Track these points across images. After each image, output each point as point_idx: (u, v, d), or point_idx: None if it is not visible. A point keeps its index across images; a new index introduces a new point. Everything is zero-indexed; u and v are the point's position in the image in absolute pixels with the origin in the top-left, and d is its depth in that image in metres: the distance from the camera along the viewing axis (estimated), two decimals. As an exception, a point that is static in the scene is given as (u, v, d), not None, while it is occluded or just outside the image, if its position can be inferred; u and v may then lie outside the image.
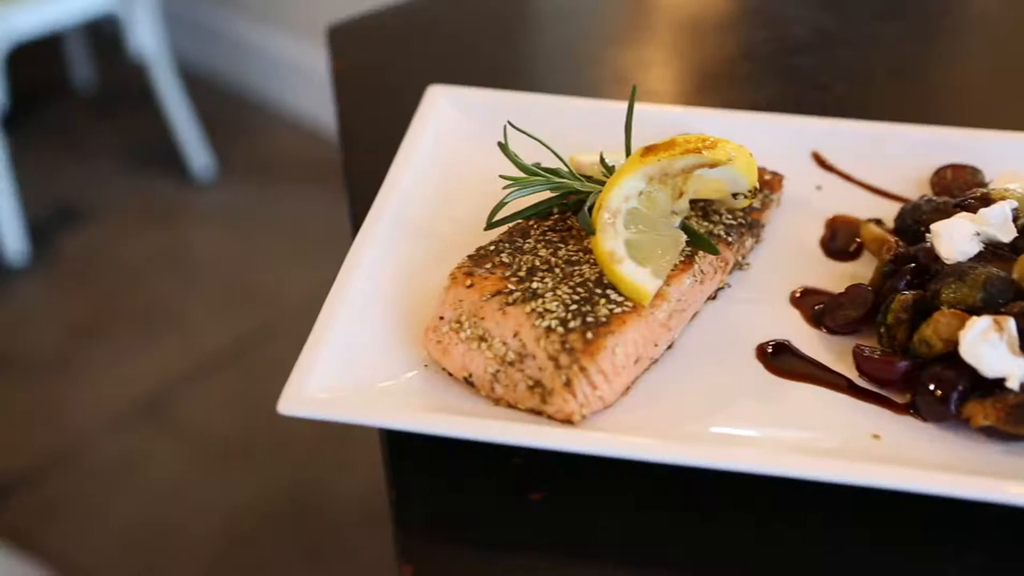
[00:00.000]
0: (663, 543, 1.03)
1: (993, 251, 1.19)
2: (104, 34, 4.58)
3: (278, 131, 4.47)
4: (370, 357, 1.14)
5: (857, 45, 1.77)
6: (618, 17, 1.97)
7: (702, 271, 1.19)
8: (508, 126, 1.24)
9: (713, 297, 1.25)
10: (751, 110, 1.49)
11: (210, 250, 3.96)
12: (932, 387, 1.09)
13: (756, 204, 1.30)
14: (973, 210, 1.21)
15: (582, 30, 1.88)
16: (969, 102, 1.69)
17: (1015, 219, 1.20)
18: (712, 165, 1.17)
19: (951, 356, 1.09)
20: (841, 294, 1.22)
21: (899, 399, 1.13)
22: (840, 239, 1.33)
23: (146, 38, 3.84)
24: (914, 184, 1.38)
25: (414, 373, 1.14)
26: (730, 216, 1.27)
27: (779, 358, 1.18)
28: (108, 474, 3.12)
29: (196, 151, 4.14)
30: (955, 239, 1.18)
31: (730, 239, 1.24)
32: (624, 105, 1.27)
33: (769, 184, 1.33)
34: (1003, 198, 1.21)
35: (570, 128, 1.39)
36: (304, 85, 4.26)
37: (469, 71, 1.71)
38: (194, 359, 3.48)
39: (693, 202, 1.25)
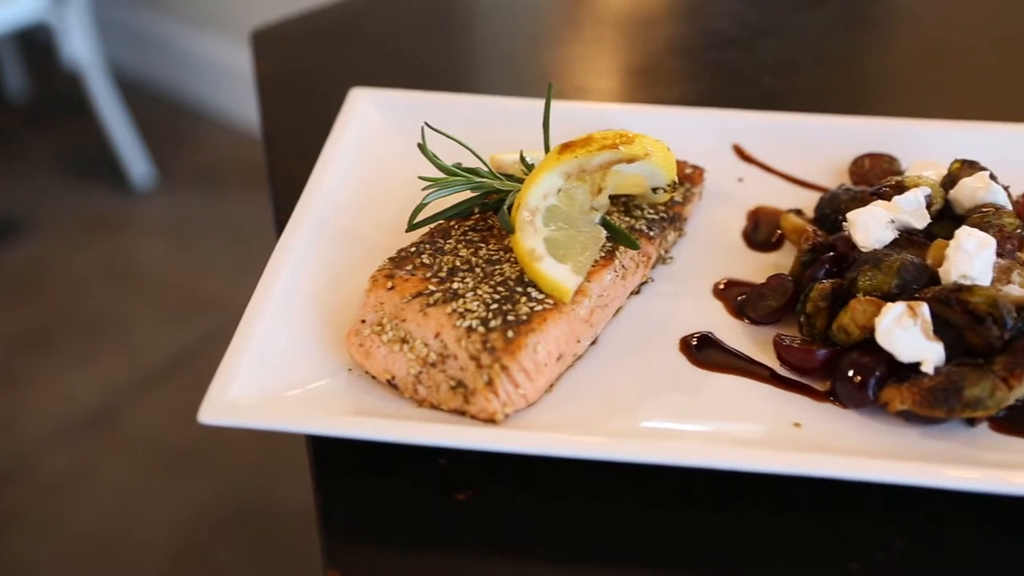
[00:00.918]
0: (588, 538, 1.03)
1: (908, 237, 1.21)
2: (37, 43, 4.52)
3: (218, 137, 4.43)
4: (293, 362, 1.13)
5: (781, 37, 1.79)
6: (545, 15, 1.97)
7: (623, 266, 1.19)
8: (425, 127, 1.23)
9: (636, 292, 1.25)
10: (677, 105, 1.50)
11: (153, 259, 3.91)
12: (850, 374, 1.10)
13: (678, 198, 1.31)
14: (888, 198, 1.23)
15: (508, 29, 1.88)
16: (891, 91, 1.71)
17: (929, 206, 1.22)
18: (629, 160, 1.18)
19: (869, 343, 1.11)
20: (762, 285, 1.23)
21: (820, 387, 1.14)
22: (762, 230, 1.35)
23: (79, 46, 3.79)
24: (834, 173, 1.40)
25: (338, 377, 1.14)
26: (652, 211, 1.27)
27: (702, 350, 1.19)
28: (57, 486, 3.08)
29: (135, 160, 4.09)
30: (870, 227, 1.19)
31: (652, 233, 1.25)
32: (539, 103, 1.27)
33: (690, 178, 1.34)
34: (917, 185, 1.23)
35: (494, 127, 1.39)
36: (243, 90, 4.22)
37: (395, 72, 1.71)
38: (140, 369, 3.44)
39: (614, 198, 1.26)
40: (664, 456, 1.02)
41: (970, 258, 1.11)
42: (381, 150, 1.41)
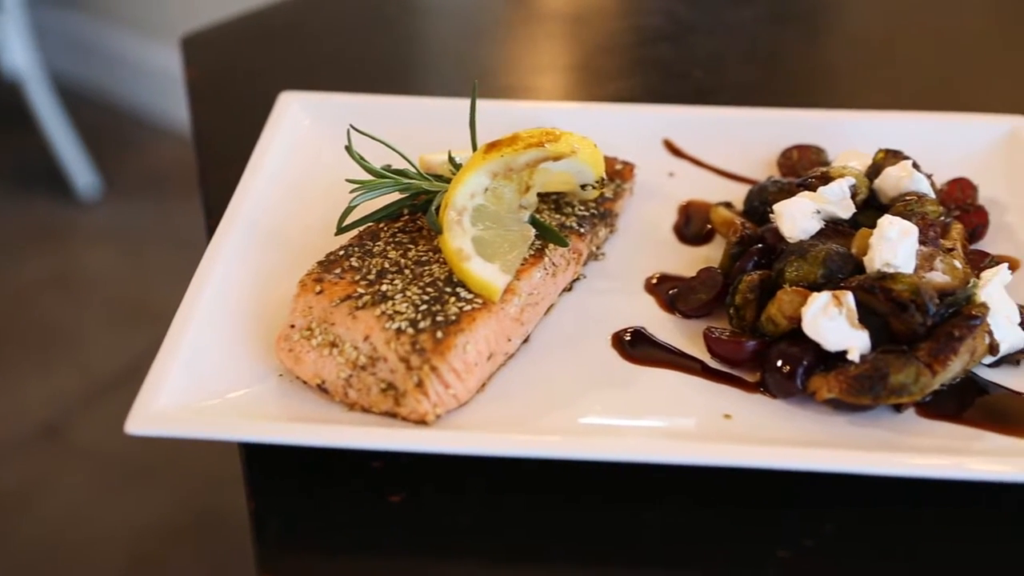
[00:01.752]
0: (522, 536, 1.03)
1: (834, 228, 1.22)
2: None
3: (164, 144, 4.39)
4: (223, 370, 1.12)
5: (712, 32, 1.81)
6: (478, 14, 1.97)
7: (553, 264, 1.20)
8: (351, 129, 1.23)
9: (569, 289, 1.26)
10: (609, 101, 1.51)
11: (101, 269, 3.87)
12: (779, 364, 1.11)
13: (608, 194, 1.31)
14: (814, 189, 1.24)
15: (441, 29, 1.88)
16: (820, 84, 1.73)
17: (854, 195, 1.24)
18: (556, 158, 1.18)
19: (796, 333, 1.12)
20: (692, 278, 1.24)
21: (750, 378, 1.15)
22: (693, 224, 1.35)
23: (17, 55, 3.74)
24: (763, 166, 1.41)
25: (268, 383, 1.13)
26: (583, 208, 1.28)
27: (635, 345, 1.19)
28: (8, 501, 3.03)
29: (79, 169, 4.04)
30: (796, 218, 1.20)
31: (583, 230, 1.25)
32: (478, 103, 1.27)
33: (620, 174, 1.35)
34: (842, 176, 1.24)
35: (424, 127, 1.39)
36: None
37: (328, 75, 1.70)
38: (90, 380, 3.40)
39: (544, 196, 1.26)
40: (595, 452, 1.03)
41: (893, 246, 1.12)
42: (311, 153, 1.40)
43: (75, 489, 3.09)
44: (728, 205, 1.35)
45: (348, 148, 1.22)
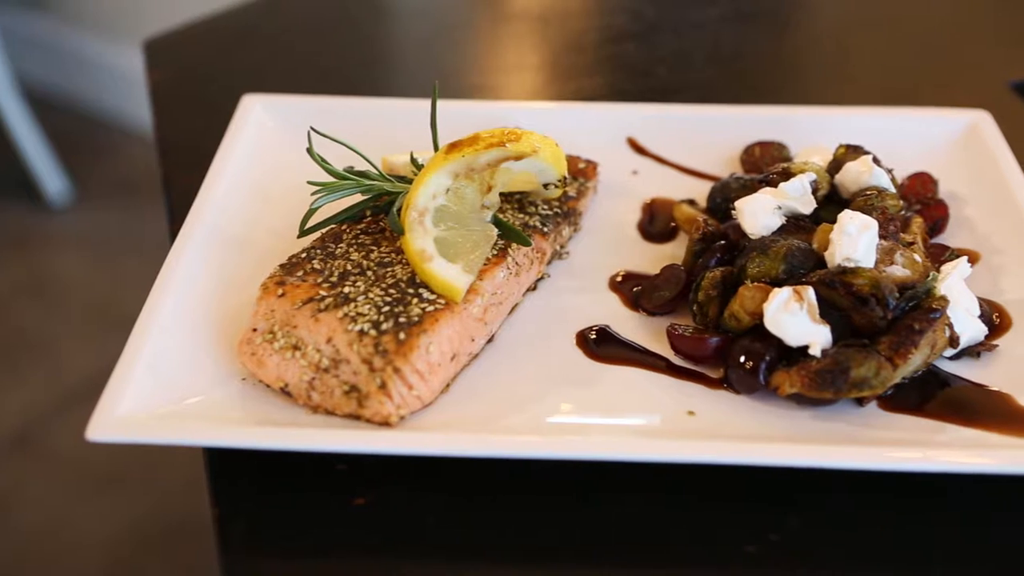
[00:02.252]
0: (489, 535, 1.03)
1: (796, 223, 1.23)
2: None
3: (136, 149, 4.36)
4: (186, 375, 1.12)
5: (677, 31, 1.81)
6: (443, 16, 1.97)
7: (517, 263, 1.20)
8: (311, 131, 1.23)
9: (533, 288, 1.26)
10: (576, 100, 1.51)
11: (72, 276, 3.84)
12: (741, 360, 1.12)
13: (572, 193, 1.31)
14: (775, 185, 1.24)
15: (405, 30, 1.88)
16: (783, 81, 1.74)
17: (815, 191, 1.24)
18: (517, 157, 1.18)
19: (759, 329, 1.12)
20: (656, 276, 1.24)
21: (714, 374, 1.15)
22: (657, 222, 1.36)
23: (-16, 61, 3.71)
24: (726, 163, 1.42)
25: (231, 387, 1.12)
26: (546, 207, 1.28)
27: (599, 344, 1.19)
28: (-19, 510, 3.01)
29: (49, 175, 4.01)
30: (758, 214, 1.21)
31: (546, 229, 1.25)
32: (441, 104, 1.27)
33: (584, 172, 1.35)
34: (803, 171, 1.25)
35: (388, 128, 1.39)
36: (159, 100, 4.16)
37: (292, 77, 1.70)
38: (62, 388, 3.37)
39: (508, 195, 1.27)
40: (558, 452, 1.03)
41: (853, 241, 1.13)
42: (274, 156, 1.40)
43: (48, 497, 3.07)
44: (692, 202, 1.35)
45: (309, 150, 1.21)
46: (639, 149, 1.44)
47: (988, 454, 1.04)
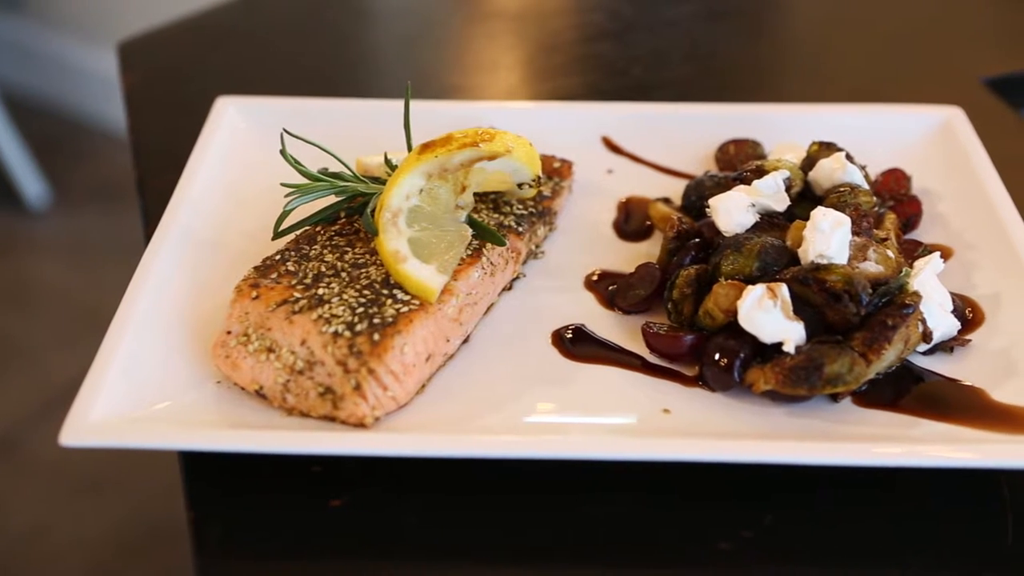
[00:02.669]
0: (465, 535, 1.03)
1: (770, 220, 1.23)
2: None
3: (114, 152, 4.34)
4: (160, 378, 1.11)
5: (652, 29, 1.81)
6: (420, 16, 1.97)
7: (491, 263, 1.20)
8: (284, 133, 1.22)
9: (508, 288, 1.26)
10: (552, 99, 1.51)
11: (53, 280, 3.82)
12: (716, 357, 1.12)
13: (547, 192, 1.31)
14: (749, 182, 1.25)
15: (381, 30, 1.88)
16: (758, 79, 1.75)
17: (788, 188, 1.25)
18: (491, 157, 1.18)
19: (733, 326, 1.12)
20: (631, 274, 1.24)
21: (689, 372, 1.15)
22: (633, 220, 1.36)
23: (-39, 65, 3.69)
24: (701, 161, 1.42)
25: (206, 390, 1.12)
26: (521, 206, 1.28)
27: (575, 343, 1.19)
28: (-39, 517, 3.00)
29: (28, 178, 3.99)
30: (732, 212, 1.21)
31: (521, 229, 1.25)
32: (416, 104, 1.27)
33: (559, 172, 1.35)
34: (776, 169, 1.25)
35: (363, 129, 1.39)
36: (138, 103, 4.14)
37: (268, 78, 1.69)
38: (43, 393, 3.36)
39: (482, 195, 1.27)
40: (533, 451, 1.03)
41: (826, 237, 1.13)
42: (249, 158, 1.39)
43: (30, 503, 3.06)
44: (666, 200, 1.35)
45: (283, 152, 1.21)
46: (614, 148, 1.44)
47: (963, 449, 1.04)
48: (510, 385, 1.14)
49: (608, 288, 1.25)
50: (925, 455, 1.03)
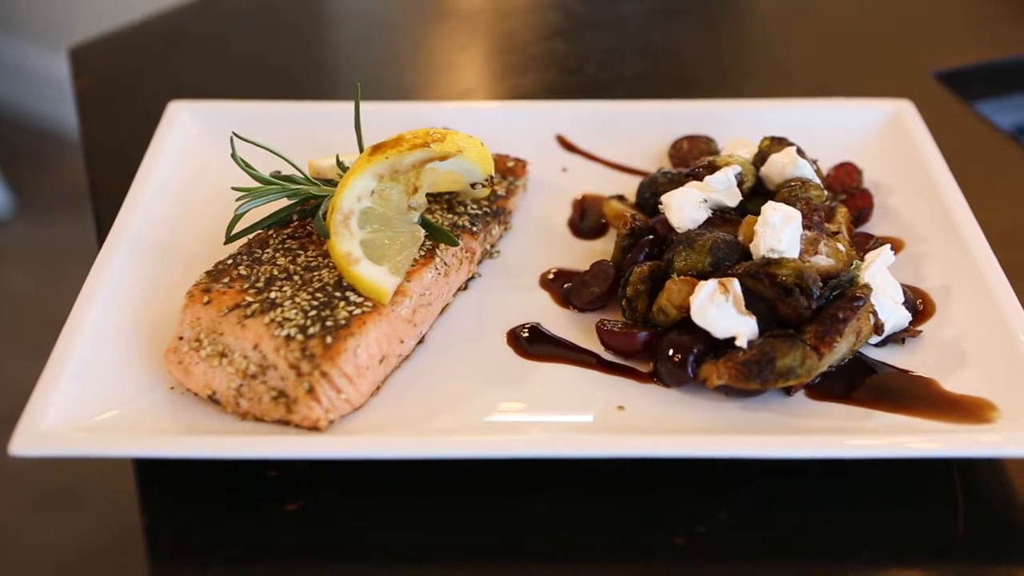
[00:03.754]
0: (422, 535, 1.03)
1: (722, 216, 1.24)
2: None
3: (78, 159, 4.31)
4: (112, 385, 1.10)
5: (607, 27, 1.82)
6: (375, 17, 1.97)
7: (445, 263, 1.19)
8: (234, 136, 1.22)
9: (464, 288, 1.26)
10: (507, 98, 1.51)
11: (16, 289, 3.78)
12: (670, 353, 1.12)
13: (501, 191, 1.31)
14: (701, 178, 1.25)
15: (336, 32, 1.87)
16: (712, 75, 1.75)
17: (740, 183, 1.25)
18: (442, 158, 1.18)
19: (687, 322, 1.13)
20: (585, 272, 1.25)
21: (644, 369, 1.16)
22: (588, 218, 1.36)
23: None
24: (655, 157, 1.43)
25: (159, 396, 1.11)
26: (475, 206, 1.28)
27: (531, 342, 1.19)
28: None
29: (-10, 187, 3.96)
30: (684, 208, 1.21)
31: (476, 229, 1.25)
32: (370, 105, 1.27)
33: (513, 171, 1.35)
34: (728, 164, 1.26)
35: (316, 132, 1.39)
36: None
37: (223, 82, 1.68)
38: (9, 403, 3.32)
39: (436, 196, 1.26)
40: (482, 451, 1.03)
41: (777, 232, 1.14)
42: (201, 162, 1.39)
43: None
44: (621, 198, 1.36)
45: (233, 155, 1.20)
46: (569, 146, 1.44)
47: (918, 439, 1.05)
48: (465, 385, 1.14)
49: (563, 286, 1.25)
50: (878, 446, 1.04)
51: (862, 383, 1.13)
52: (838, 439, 1.05)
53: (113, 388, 1.10)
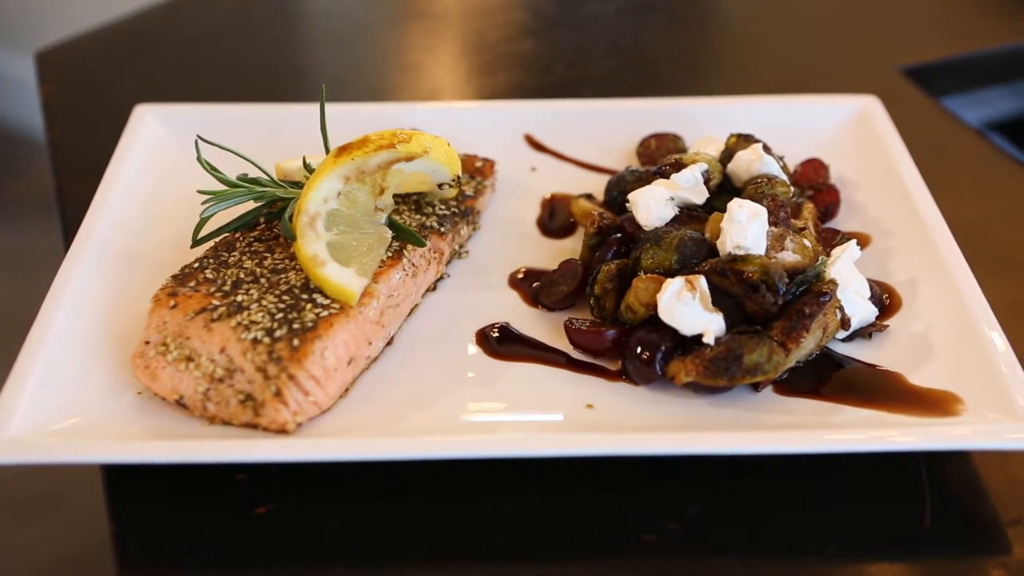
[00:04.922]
0: (391, 536, 1.03)
1: (689, 213, 1.24)
2: None
3: (48, 163, 4.28)
4: (79, 391, 1.10)
5: (576, 26, 1.82)
6: (344, 18, 1.96)
7: (413, 264, 1.19)
8: (199, 140, 1.21)
9: (433, 288, 1.26)
10: (476, 99, 1.51)
11: (-11, 295, 3.76)
12: (638, 351, 1.12)
13: (469, 192, 1.31)
14: (668, 176, 1.25)
15: (304, 34, 1.87)
16: (680, 73, 1.75)
17: (707, 181, 1.25)
18: (408, 158, 1.18)
19: (654, 320, 1.13)
20: (554, 271, 1.25)
21: (613, 367, 1.16)
22: (557, 217, 1.36)
23: None
24: (623, 156, 1.43)
25: (126, 401, 1.10)
26: (443, 206, 1.28)
27: (501, 342, 1.19)
28: None
29: (-41, 193, 3.92)
30: (651, 206, 1.22)
31: (444, 229, 1.25)
32: (339, 107, 1.26)
33: (481, 171, 1.35)
34: (694, 162, 1.26)
35: (284, 134, 1.39)
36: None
37: (190, 85, 1.67)
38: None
39: (404, 196, 1.26)
40: (454, 451, 1.03)
41: (743, 228, 1.14)
42: (168, 166, 1.38)
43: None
44: (589, 197, 1.36)
45: (199, 158, 1.20)
46: (537, 146, 1.44)
47: (885, 433, 1.05)
48: (435, 386, 1.14)
49: (532, 286, 1.26)
50: (847, 440, 1.04)
51: (830, 378, 1.14)
52: (810, 434, 1.05)
53: (79, 393, 1.09)
